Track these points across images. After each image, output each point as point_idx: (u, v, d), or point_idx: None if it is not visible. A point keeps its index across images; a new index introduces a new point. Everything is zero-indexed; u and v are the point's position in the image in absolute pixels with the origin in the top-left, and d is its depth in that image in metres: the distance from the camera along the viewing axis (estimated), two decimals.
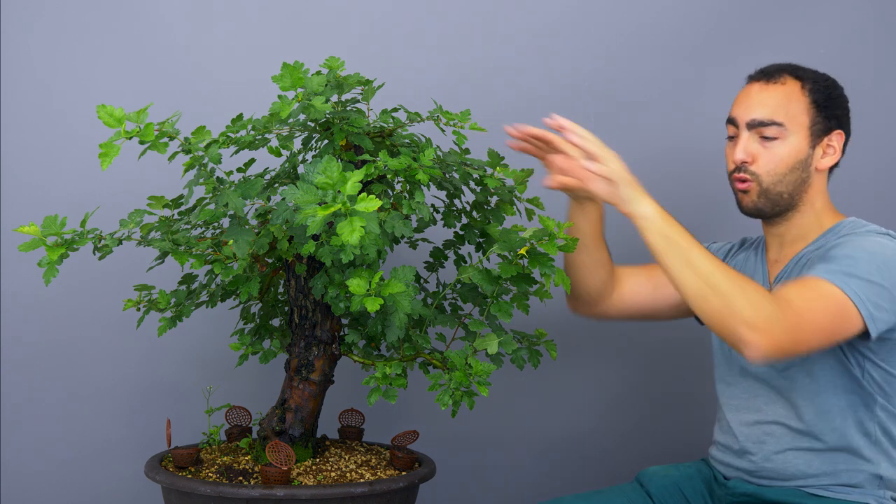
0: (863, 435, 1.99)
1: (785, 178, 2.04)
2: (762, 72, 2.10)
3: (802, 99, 2.04)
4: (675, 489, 2.17)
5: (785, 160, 2.04)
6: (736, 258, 2.24)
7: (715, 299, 1.83)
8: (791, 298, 1.85)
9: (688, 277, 1.86)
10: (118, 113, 1.81)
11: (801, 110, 2.04)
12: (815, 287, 1.87)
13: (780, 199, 2.05)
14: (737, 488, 2.09)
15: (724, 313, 1.82)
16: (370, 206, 1.67)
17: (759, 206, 2.07)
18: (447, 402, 1.95)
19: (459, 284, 2.11)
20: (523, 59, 2.72)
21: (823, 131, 2.05)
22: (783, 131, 2.03)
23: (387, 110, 2.05)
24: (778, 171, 2.04)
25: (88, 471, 2.65)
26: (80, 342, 2.63)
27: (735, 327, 1.81)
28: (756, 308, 1.80)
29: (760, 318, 1.80)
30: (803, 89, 2.05)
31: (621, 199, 1.93)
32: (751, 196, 2.07)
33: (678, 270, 1.87)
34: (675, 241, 1.88)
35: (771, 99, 2.04)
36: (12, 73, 2.59)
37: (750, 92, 2.08)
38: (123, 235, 2.00)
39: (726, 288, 1.83)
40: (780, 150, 2.03)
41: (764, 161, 2.04)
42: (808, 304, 1.84)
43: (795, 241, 2.09)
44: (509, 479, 2.79)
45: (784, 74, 2.06)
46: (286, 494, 1.92)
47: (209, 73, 2.64)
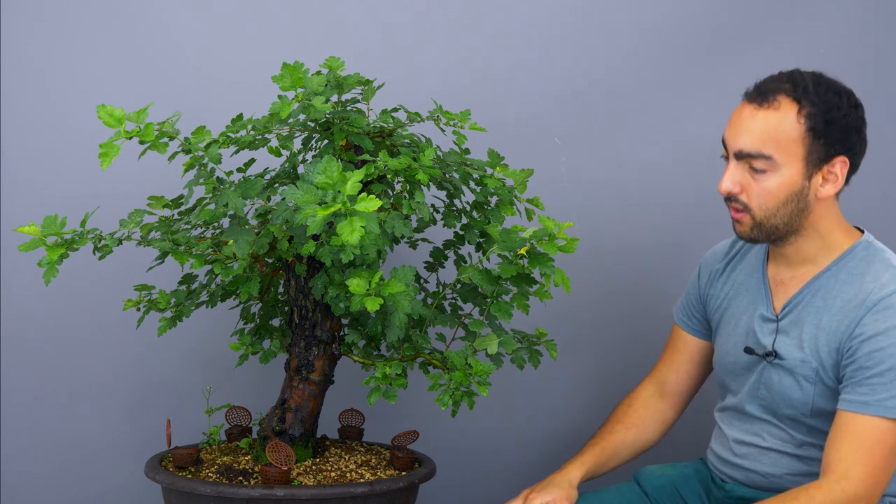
0: None
1: (778, 212, 1.89)
2: (757, 89, 1.91)
3: (796, 127, 1.85)
4: (671, 489, 2.17)
5: (775, 194, 1.87)
6: (735, 273, 2.12)
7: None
8: (849, 468, 1.81)
9: None
10: (118, 113, 1.81)
11: (794, 140, 1.85)
12: (867, 433, 1.82)
13: (775, 230, 1.91)
14: (734, 492, 2.08)
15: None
16: (370, 206, 1.67)
17: (754, 237, 1.94)
18: (447, 402, 1.95)
19: (459, 284, 2.11)
20: (523, 60, 2.72)
21: (822, 159, 1.88)
22: (772, 164, 1.86)
23: (387, 110, 2.05)
24: (769, 206, 1.88)
25: (88, 471, 2.65)
26: (80, 342, 2.63)
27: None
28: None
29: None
30: (799, 115, 1.86)
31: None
32: (744, 227, 1.93)
33: None
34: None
35: (760, 128, 1.86)
36: (12, 73, 2.59)
37: (741, 115, 1.90)
38: (123, 235, 2.00)
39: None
40: (769, 183, 1.87)
41: (754, 193, 1.89)
42: (868, 460, 1.82)
43: (803, 264, 1.97)
44: (509, 479, 2.79)
45: (780, 95, 1.87)
46: (286, 494, 1.92)
47: (209, 73, 2.63)
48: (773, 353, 1.96)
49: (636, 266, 2.76)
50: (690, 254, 2.75)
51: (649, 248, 2.75)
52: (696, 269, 2.23)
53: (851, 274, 1.93)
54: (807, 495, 1.82)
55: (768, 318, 2.00)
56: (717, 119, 2.73)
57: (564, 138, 2.73)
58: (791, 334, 1.96)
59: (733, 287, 2.11)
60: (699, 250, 2.75)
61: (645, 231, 2.75)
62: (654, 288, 2.75)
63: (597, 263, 2.69)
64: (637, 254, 2.75)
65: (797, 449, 1.99)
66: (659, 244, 2.76)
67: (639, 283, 2.75)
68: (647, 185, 2.75)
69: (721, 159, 1.99)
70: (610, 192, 2.75)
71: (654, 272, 2.76)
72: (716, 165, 2.74)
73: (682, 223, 2.77)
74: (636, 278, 2.75)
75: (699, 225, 2.76)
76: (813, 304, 1.95)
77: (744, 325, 2.05)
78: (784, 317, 1.98)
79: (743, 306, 2.06)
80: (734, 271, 2.13)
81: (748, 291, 2.07)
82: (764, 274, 2.05)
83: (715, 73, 2.73)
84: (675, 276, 2.74)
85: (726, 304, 2.11)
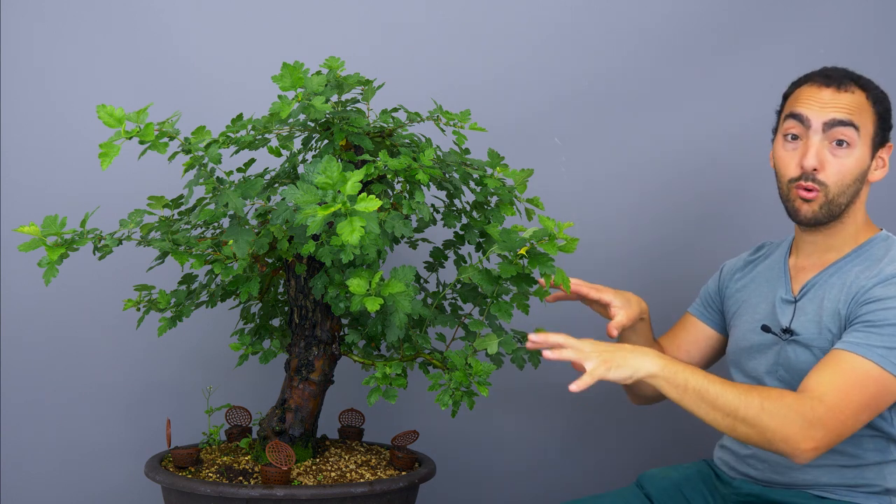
0: (879, 453, 1.99)
1: (848, 190, 1.99)
2: (829, 77, 2.02)
3: (869, 109, 2.00)
4: (675, 490, 2.17)
5: (852, 170, 1.99)
6: (756, 270, 2.20)
7: (744, 428, 1.83)
8: (825, 393, 1.83)
9: (711, 416, 1.84)
10: (118, 113, 1.81)
11: (868, 120, 2.00)
12: (851, 370, 1.85)
13: (839, 209, 2.00)
14: (742, 488, 2.09)
15: (757, 438, 1.83)
16: (370, 206, 1.67)
17: (819, 217, 2.01)
18: (447, 402, 1.95)
19: (459, 284, 2.11)
20: (523, 60, 2.72)
21: (880, 143, 2.03)
22: (856, 138, 1.98)
23: (387, 110, 2.05)
24: (844, 182, 1.99)
25: (88, 471, 2.65)
26: (80, 342, 2.63)
27: (772, 446, 1.83)
28: (786, 423, 1.81)
29: (793, 431, 1.81)
30: (868, 100, 2.01)
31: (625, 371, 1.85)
32: (813, 206, 2.01)
33: (701, 413, 1.85)
34: (689, 388, 1.84)
35: (847, 103, 1.99)
36: (12, 73, 2.59)
37: (822, 95, 2.00)
38: (123, 235, 2.00)
39: (751, 415, 1.82)
40: (848, 160, 1.98)
41: (833, 170, 1.98)
42: (844, 395, 1.84)
43: (829, 251, 2.06)
44: (509, 480, 2.79)
45: (850, 82, 2.01)
46: (286, 494, 1.92)
47: (209, 73, 2.63)
48: (790, 331, 2.02)
49: (636, 266, 2.76)
50: (691, 253, 2.76)
51: (649, 247, 2.75)
52: (717, 271, 2.32)
53: (869, 259, 2.01)
54: (779, 391, 1.85)
55: (787, 300, 2.07)
56: (717, 118, 2.75)
57: (564, 138, 2.73)
58: (808, 311, 2.02)
59: (753, 280, 2.18)
60: (699, 249, 2.77)
61: (645, 231, 2.75)
62: (653, 287, 2.74)
63: (597, 263, 2.69)
64: (637, 253, 2.76)
65: None
66: (659, 244, 2.76)
67: (638, 282, 2.75)
68: (647, 184, 2.75)
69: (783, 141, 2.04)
70: (610, 192, 2.75)
71: (654, 272, 2.76)
72: (716, 165, 2.75)
73: (682, 223, 2.77)
74: (636, 278, 2.75)
75: (699, 225, 2.76)
76: (829, 283, 2.02)
77: (763, 309, 2.11)
78: (802, 297, 2.05)
79: (763, 294, 2.13)
80: (756, 268, 2.21)
81: (768, 281, 2.14)
82: (785, 263, 2.13)
83: (715, 73, 2.73)
84: (674, 274, 2.74)
85: (745, 296, 2.18)
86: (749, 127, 2.66)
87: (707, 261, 2.66)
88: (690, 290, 2.47)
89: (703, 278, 2.41)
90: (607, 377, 1.83)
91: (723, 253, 2.57)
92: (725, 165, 2.74)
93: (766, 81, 2.67)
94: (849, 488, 1.99)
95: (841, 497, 1.99)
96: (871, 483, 1.98)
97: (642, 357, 1.85)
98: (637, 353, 1.85)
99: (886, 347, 1.86)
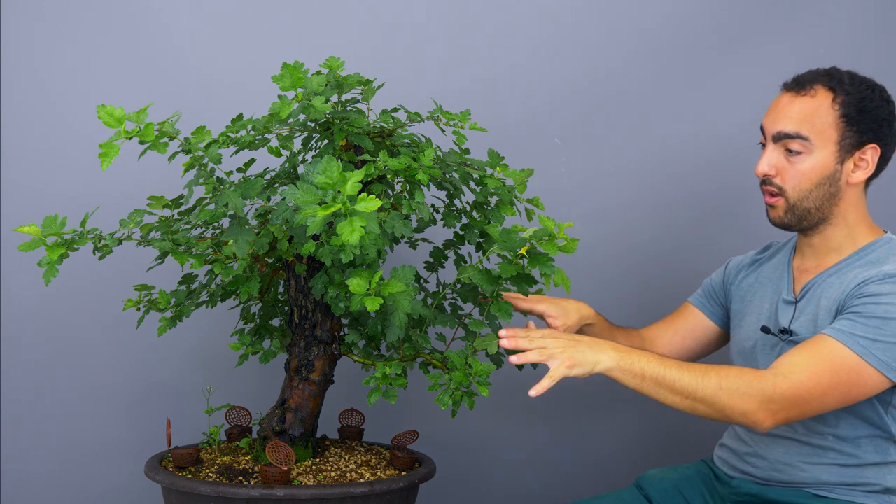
0: (879, 454, 1.99)
1: (811, 194, 2.01)
2: (796, 80, 2.05)
3: (831, 113, 1.99)
4: (674, 491, 2.17)
5: (809, 175, 2.00)
6: (761, 270, 2.21)
7: (703, 407, 1.89)
8: (791, 371, 1.87)
9: (671, 399, 1.90)
10: (118, 113, 1.81)
11: (828, 124, 1.98)
12: (828, 354, 1.88)
13: (807, 214, 2.02)
14: (741, 488, 2.09)
15: (716, 415, 1.89)
16: (370, 206, 1.67)
17: (786, 221, 2.05)
18: (447, 402, 1.95)
19: (459, 284, 2.11)
20: (523, 60, 2.72)
21: (854, 145, 2.00)
22: (808, 145, 1.99)
23: (387, 110, 2.05)
24: (803, 187, 2.00)
25: (88, 471, 2.65)
26: (80, 342, 2.63)
27: (732, 420, 1.89)
28: (744, 399, 1.86)
29: (751, 406, 1.86)
30: (834, 102, 1.99)
31: (584, 368, 1.90)
32: (777, 211, 2.05)
33: (661, 398, 1.91)
34: (646, 377, 1.90)
35: (798, 111, 2.00)
36: (12, 73, 2.59)
37: (780, 102, 2.04)
38: (123, 235, 2.00)
39: (708, 394, 1.87)
40: (803, 165, 1.99)
41: (789, 176, 2.01)
42: (812, 374, 1.87)
43: (828, 254, 2.07)
44: (509, 480, 2.79)
45: (817, 85, 2.01)
46: (286, 494, 1.92)
47: (209, 73, 2.64)
48: (789, 332, 2.03)
49: (636, 265, 2.76)
50: (690, 252, 2.76)
51: (649, 247, 2.76)
52: (722, 265, 2.33)
53: (870, 262, 2.01)
54: (738, 370, 1.90)
55: (788, 301, 2.08)
56: (717, 118, 2.75)
57: (564, 138, 2.73)
58: (806, 311, 2.03)
59: (758, 280, 2.19)
60: (699, 249, 2.77)
61: (644, 230, 2.75)
62: (653, 287, 2.75)
63: (596, 263, 2.69)
64: (637, 253, 2.76)
65: (809, 436, 2.01)
66: (658, 243, 2.76)
67: (638, 282, 2.76)
68: (646, 184, 2.75)
69: (757, 145, 2.11)
70: (610, 192, 2.75)
71: (653, 271, 2.76)
72: (716, 166, 2.75)
73: (682, 222, 2.77)
74: (636, 277, 2.75)
75: (699, 224, 2.76)
76: (827, 283, 2.03)
77: (766, 310, 2.12)
78: (802, 298, 2.06)
79: (766, 295, 2.15)
80: (761, 267, 2.22)
81: (772, 281, 2.15)
82: (789, 265, 2.14)
83: (715, 72, 2.73)
84: (674, 274, 2.74)
85: (750, 296, 2.19)
86: (749, 126, 2.65)
87: (707, 260, 2.66)
88: (690, 289, 2.47)
89: (702, 277, 2.41)
90: (568, 375, 1.90)
91: (723, 252, 2.57)
92: (725, 165, 2.74)
93: (766, 81, 2.67)
94: (848, 487, 1.99)
95: (840, 496, 1.99)
96: (871, 482, 1.98)
97: (599, 352, 1.91)
98: (595, 347, 1.92)
99: (869, 339, 1.87)
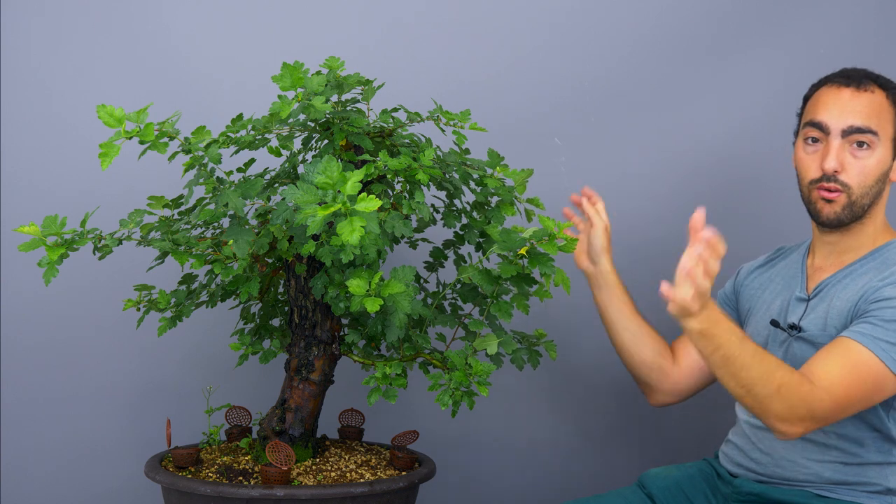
0: (881, 454, 1.99)
1: (871, 190, 2.01)
2: (848, 77, 2.05)
3: (889, 109, 2.02)
4: (677, 489, 2.17)
5: (873, 171, 2.01)
6: (775, 268, 2.21)
7: (751, 400, 1.85)
8: (832, 385, 1.85)
9: (725, 379, 1.86)
10: (118, 113, 1.81)
11: (888, 120, 2.01)
12: (856, 362, 1.87)
13: (861, 210, 2.03)
14: (743, 487, 2.09)
15: (757, 410, 1.87)
16: (370, 206, 1.67)
17: (841, 217, 2.03)
18: (447, 402, 1.95)
19: (459, 284, 2.11)
20: (523, 59, 2.72)
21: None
22: (875, 141, 2.00)
23: (387, 110, 2.05)
24: (867, 183, 2.01)
25: (88, 471, 2.65)
26: (80, 342, 2.63)
27: (768, 421, 1.87)
28: (792, 409, 1.84)
29: (794, 416, 1.85)
30: (888, 99, 2.02)
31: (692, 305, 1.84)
32: (835, 207, 2.02)
33: (717, 373, 1.86)
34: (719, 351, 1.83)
35: (865, 106, 2.01)
36: (12, 73, 2.59)
37: (841, 97, 2.03)
38: (123, 235, 2.00)
39: (763, 394, 1.83)
40: (869, 160, 2.00)
41: (854, 171, 2.00)
42: (847, 389, 1.86)
43: (847, 252, 2.07)
44: (509, 480, 2.79)
45: (870, 82, 2.03)
46: (286, 494, 1.92)
47: (209, 72, 2.63)
48: (798, 328, 2.03)
49: (636, 266, 2.75)
50: None
51: (649, 247, 2.75)
52: (733, 275, 2.32)
53: (884, 262, 2.01)
54: (800, 380, 1.85)
55: (801, 298, 2.08)
56: (717, 118, 2.74)
57: (564, 138, 2.73)
58: (817, 309, 2.03)
59: (770, 278, 2.20)
60: None
61: (644, 230, 2.75)
62: (653, 288, 2.74)
63: None
64: (637, 253, 2.75)
65: (812, 433, 2.01)
66: (658, 243, 2.75)
67: (638, 282, 2.75)
68: (646, 184, 2.75)
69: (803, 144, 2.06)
70: (610, 192, 2.74)
71: (653, 272, 2.75)
72: (717, 165, 2.75)
73: (682, 223, 2.76)
74: (636, 278, 2.74)
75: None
76: (841, 284, 2.03)
77: (777, 306, 2.12)
78: (814, 296, 2.06)
79: (777, 291, 2.15)
80: (773, 269, 2.22)
81: (785, 279, 2.16)
82: (804, 263, 2.14)
83: (715, 72, 2.73)
84: (674, 275, 2.74)
85: (760, 292, 2.19)
86: (750, 126, 2.66)
87: None
88: None
89: None
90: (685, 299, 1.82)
91: (725, 251, 2.57)
92: (726, 165, 2.74)
93: (766, 81, 2.68)
94: (850, 487, 1.99)
95: (842, 496, 1.99)
96: (873, 482, 1.98)
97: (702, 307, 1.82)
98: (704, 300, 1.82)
99: (890, 343, 1.88)
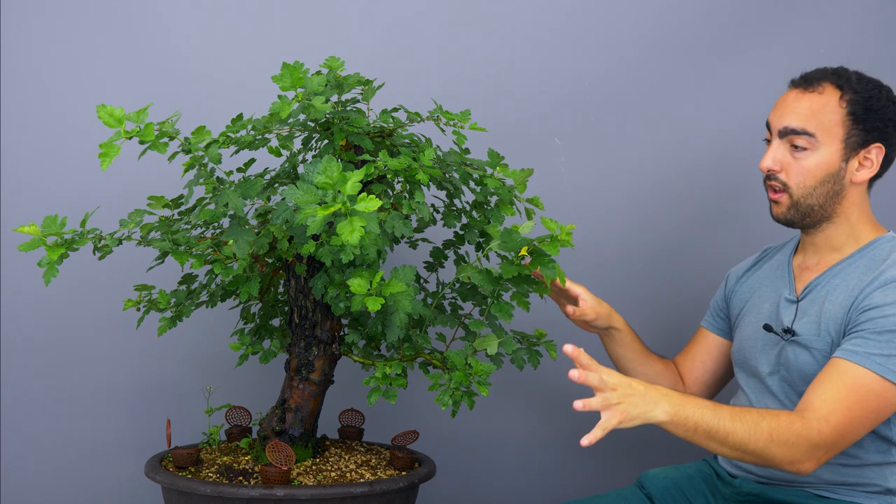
0: (881, 454, 1.99)
1: (815, 191, 2.01)
2: (803, 78, 2.05)
3: (838, 110, 1.99)
4: (676, 490, 2.17)
5: (813, 172, 2.00)
6: (761, 270, 2.22)
7: (751, 458, 1.85)
8: (830, 412, 1.85)
9: (720, 450, 1.85)
10: (118, 113, 1.81)
11: (835, 122, 1.99)
12: (852, 384, 1.86)
13: (810, 211, 2.03)
14: (742, 487, 2.09)
15: (762, 463, 1.86)
16: (370, 206, 1.67)
17: (789, 217, 2.05)
18: (447, 402, 1.95)
19: (459, 284, 2.11)
20: (524, 60, 2.72)
21: (860, 144, 2.00)
22: (814, 142, 1.99)
23: (387, 110, 2.05)
24: (807, 184, 2.01)
25: (88, 471, 2.65)
26: (80, 342, 2.63)
27: (779, 468, 1.86)
28: (793, 450, 1.83)
29: (799, 455, 1.84)
30: (841, 100, 2.00)
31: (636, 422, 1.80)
32: (780, 207, 2.05)
33: (711, 448, 1.85)
34: (698, 429, 1.82)
35: (805, 108, 2.00)
36: (12, 73, 2.59)
37: (787, 98, 2.04)
38: (123, 235, 2.00)
39: (759, 447, 1.83)
40: (808, 161, 2.00)
41: (794, 172, 2.01)
42: (847, 412, 1.85)
43: (830, 252, 2.07)
44: (509, 480, 2.79)
45: (824, 82, 2.02)
46: (286, 494, 1.92)
47: (209, 72, 2.64)
48: (791, 332, 2.03)
49: (635, 265, 2.76)
50: (691, 252, 2.76)
51: (649, 247, 2.75)
52: (723, 281, 2.33)
53: (872, 261, 2.01)
54: (788, 419, 1.85)
55: (790, 300, 2.08)
56: (717, 118, 2.75)
57: (564, 138, 2.73)
58: (809, 313, 2.03)
59: (758, 281, 2.20)
60: (699, 248, 2.77)
61: (644, 230, 2.75)
62: (653, 287, 2.75)
63: (597, 263, 2.69)
64: (636, 253, 2.75)
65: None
66: (658, 243, 2.76)
67: (638, 282, 2.76)
68: (646, 184, 2.75)
69: (762, 142, 2.10)
70: (610, 192, 2.75)
71: (653, 272, 2.76)
72: (717, 164, 2.75)
73: (682, 223, 2.77)
74: (635, 278, 2.75)
75: (699, 223, 2.76)
76: (831, 284, 2.02)
77: (766, 309, 2.12)
78: (804, 297, 2.06)
79: (766, 294, 2.15)
80: (760, 270, 2.23)
81: (772, 281, 2.15)
82: (789, 263, 2.14)
83: (715, 72, 2.73)
84: (675, 274, 2.74)
85: (749, 296, 2.19)
86: (749, 126, 2.66)
87: (707, 259, 2.66)
88: (692, 288, 2.47)
89: (703, 277, 2.41)
90: (619, 427, 1.79)
91: (723, 252, 2.57)
92: (726, 164, 2.74)
93: (766, 81, 2.67)
94: (850, 487, 1.99)
95: (842, 497, 1.99)
96: (872, 483, 1.98)
97: (654, 405, 1.79)
98: (648, 398, 1.79)
99: (885, 355, 1.87)
